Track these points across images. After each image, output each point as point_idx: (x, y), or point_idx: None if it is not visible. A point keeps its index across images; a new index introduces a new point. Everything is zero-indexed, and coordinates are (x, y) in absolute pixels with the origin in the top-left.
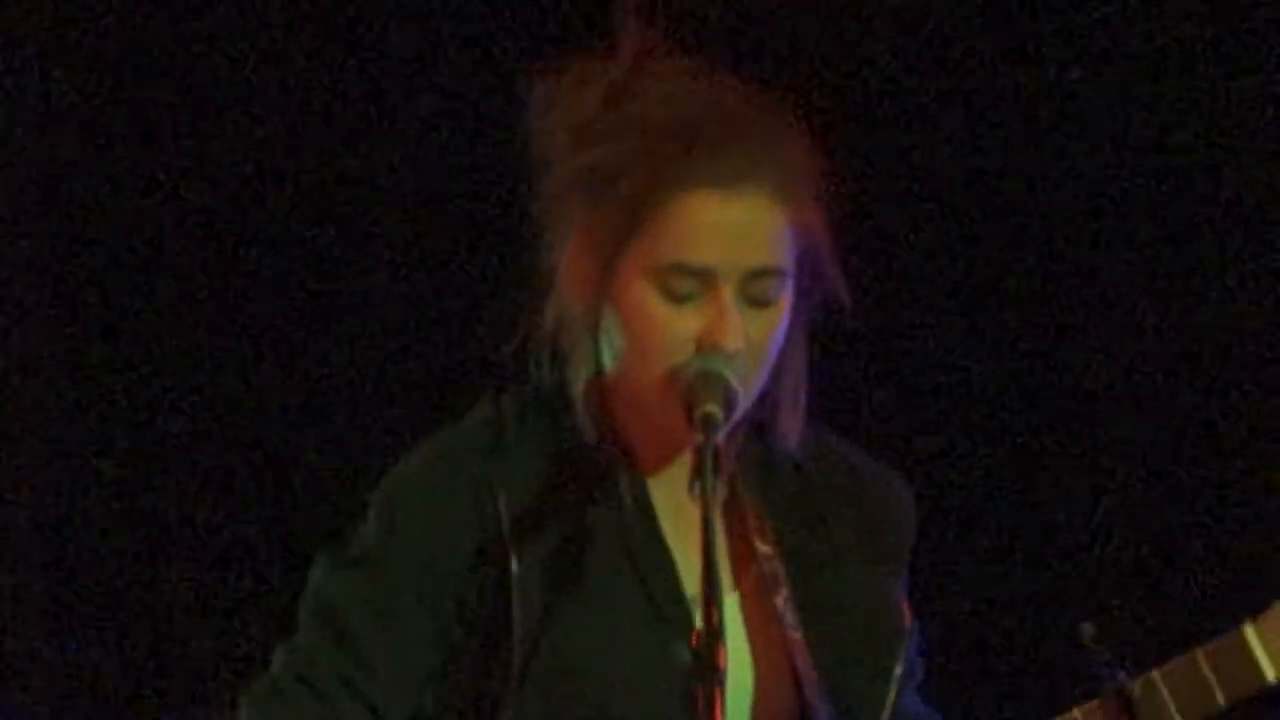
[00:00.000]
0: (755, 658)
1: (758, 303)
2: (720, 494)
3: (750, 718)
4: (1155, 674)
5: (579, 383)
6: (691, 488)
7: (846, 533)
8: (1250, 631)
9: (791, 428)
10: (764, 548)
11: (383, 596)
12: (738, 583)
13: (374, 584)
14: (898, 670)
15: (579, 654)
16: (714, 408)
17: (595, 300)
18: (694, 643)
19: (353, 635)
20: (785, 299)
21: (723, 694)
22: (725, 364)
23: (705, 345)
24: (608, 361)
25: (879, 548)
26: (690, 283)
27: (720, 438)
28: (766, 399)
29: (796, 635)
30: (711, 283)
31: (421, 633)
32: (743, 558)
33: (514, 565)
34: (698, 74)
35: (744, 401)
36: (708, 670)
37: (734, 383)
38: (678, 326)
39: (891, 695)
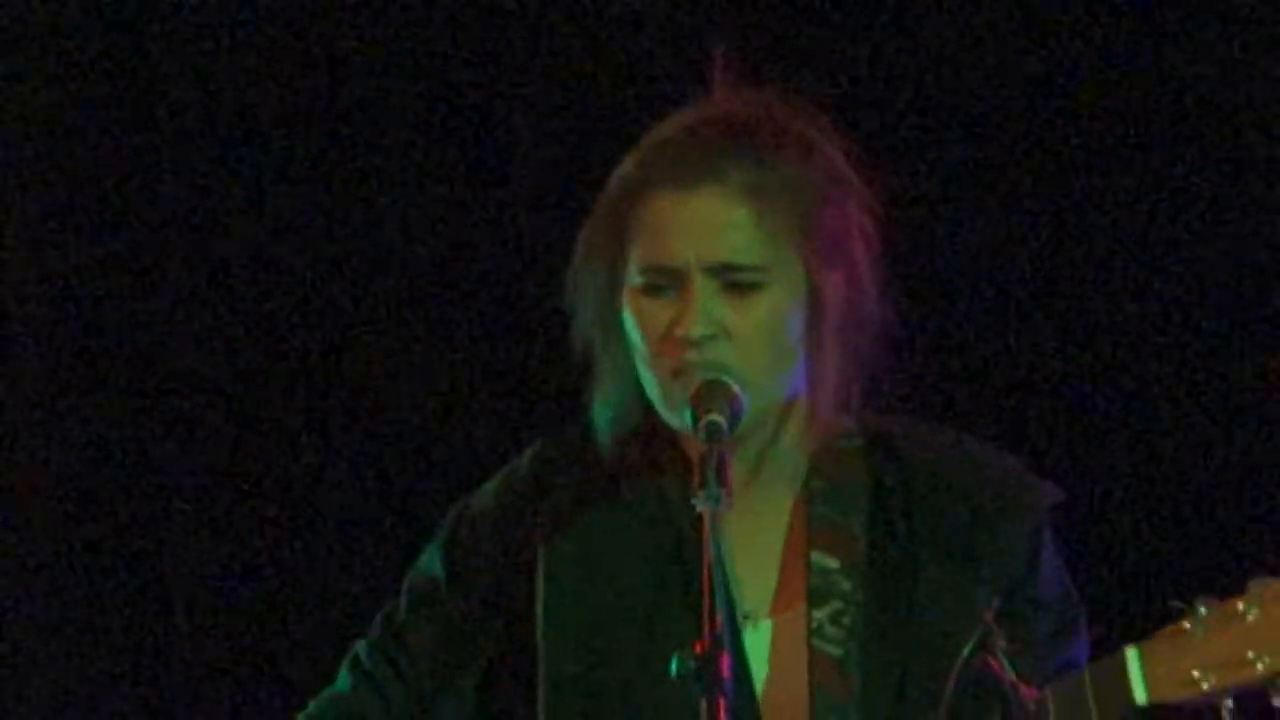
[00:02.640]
0: (771, 675)
1: (737, 290)
2: (786, 504)
3: None
4: (1048, 690)
5: (606, 408)
6: (696, 495)
7: (937, 550)
8: (1130, 654)
9: (824, 424)
10: (826, 560)
11: (437, 613)
12: (777, 599)
13: (430, 601)
14: (949, 688)
15: (618, 680)
16: (718, 416)
17: (606, 316)
18: (698, 649)
19: (406, 641)
20: (777, 287)
21: (726, 702)
22: (697, 353)
23: (671, 333)
24: (649, 389)
25: (970, 570)
26: (664, 279)
27: (725, 443)
28: (809, 393)
29: (835, 652)
30: (683, 279)
31: (466, 646)
32: (792, 570)
33: (540, 597)
34: (715, 97)
35: (752, 395)
36: (711, 678)
37: (737, 389)
38: (656, 320)
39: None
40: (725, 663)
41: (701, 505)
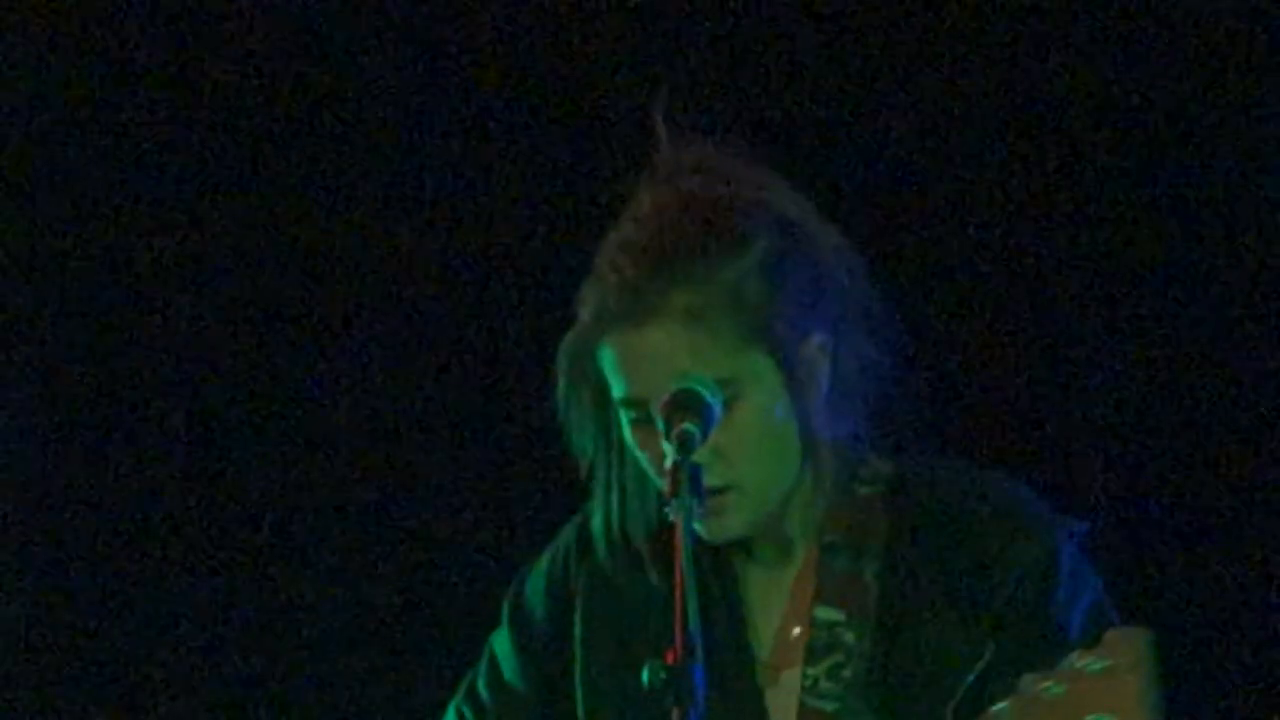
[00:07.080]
0: None
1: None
2: (798, 559)
3: None
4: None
5: (607, 518)
6: (669, 506)
7: (946, 598)
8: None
9: (831, 479)
10: (832, 613)
11: (501, 673)
12: (778, 658)
13: (494, 665)
14: None
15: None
16: (691, 425)
17: (600, 433)
18: (669, 660)
19: (483, 705)
20: (750, 388)
21: (697, 714)
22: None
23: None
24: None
25: (975, 608)
26: (638, 412)
27: (697, 456)
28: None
29: (828, 707)
30: (650, 414)
31: (531, 701)
32: (790, 630)
33: (578, 648)
34: (666, 185)
35: (764, 495)
36: (682, 690)
37: (708, 397)
38: (654, 450)
39: None
40: (697, 673)
41: (674, 514)
